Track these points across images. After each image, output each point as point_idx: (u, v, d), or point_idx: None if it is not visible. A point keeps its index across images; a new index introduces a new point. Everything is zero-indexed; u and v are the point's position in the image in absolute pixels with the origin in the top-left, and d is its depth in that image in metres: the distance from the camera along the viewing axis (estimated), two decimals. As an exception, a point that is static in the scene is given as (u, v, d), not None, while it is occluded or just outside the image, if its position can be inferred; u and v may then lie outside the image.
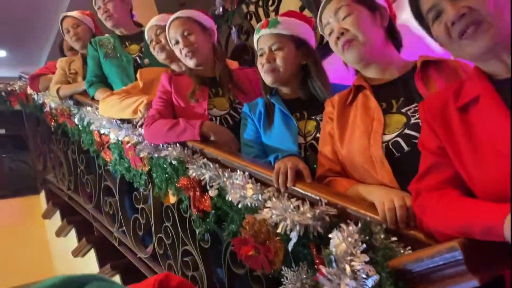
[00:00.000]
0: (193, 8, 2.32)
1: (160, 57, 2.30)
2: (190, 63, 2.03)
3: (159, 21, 2.28)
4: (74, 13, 3.08)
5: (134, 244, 2.38)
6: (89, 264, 3.03)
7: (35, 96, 3.48)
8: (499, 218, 0.78)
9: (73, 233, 3.29)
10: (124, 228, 2.47)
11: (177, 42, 2.04)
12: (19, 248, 3.74)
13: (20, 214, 3.94)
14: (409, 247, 0.99)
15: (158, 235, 2.10)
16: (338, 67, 1.86)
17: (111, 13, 2.71)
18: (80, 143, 2.98)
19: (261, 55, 1.75)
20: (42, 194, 4.00)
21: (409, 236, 1.02)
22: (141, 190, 2.28)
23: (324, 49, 3.23)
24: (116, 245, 2.61)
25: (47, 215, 3.79)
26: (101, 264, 2.86)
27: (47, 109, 3.25)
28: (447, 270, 0.84)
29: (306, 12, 3.55)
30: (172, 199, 2.06)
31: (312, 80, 1.74)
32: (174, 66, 2.34)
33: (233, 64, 2.28)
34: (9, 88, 4.15)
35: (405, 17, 1.52)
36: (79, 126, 2.74)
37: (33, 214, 3.96)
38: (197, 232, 1.79)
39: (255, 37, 1.80)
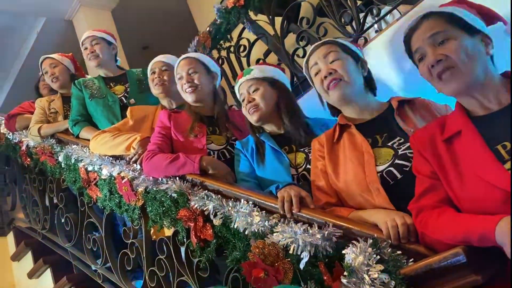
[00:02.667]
0: (156, 51, 2.52)
1: (156, 91, 2.46)
2: (189, 98, 2.20)
3: (166, 59, 2.49)
4: (54, 55, 3.19)
5: (121, 279, 2.40)
6: (66, 304, 2.98)
7: (10, 136, 3.46)
8: (491, 226, 0.97)
9: (48, 274, 3.23)
10: (109, 263, 2.50)
11: (181, 78, 2.21)
12: (-17, 292, 3.59)
13: (-16, 257, 3.80)
14: (412, 260, 1.15)
15: (150, 268, 2.16)
16: (309, 107, 2.08)
17: (97, 54, 2.85)
18: (59, 182, 3.00)
19: (243, 100, 1.99)
20: (10, 236, 3.89)
21: (411, 249, 1.18)
22: (129, 224, 2.34)
23: (294, 92, 3.48)
24: (100, 282, 2.62)
25: (16, 257, 3.68)
26: (81, 302, 2.83)
27: (23, 148, 3.25)
28: (453, 273, 1.00)
29: (272, 57, 3.82)
30: (168, 232, 2.14)
31: (283, 115, 1.94)
32: (165, 102, 2.49)
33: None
34: (-24, 128, 4.07)
35: (370, 65, 1.77)
36: (62, 164, 2.77)
37: (-1, 256, 3.84)
38: (194, 262, 1.88)
39: (236, 87, 2.06)
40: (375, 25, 3.41)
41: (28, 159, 3.24)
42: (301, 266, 1.34)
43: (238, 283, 1.70)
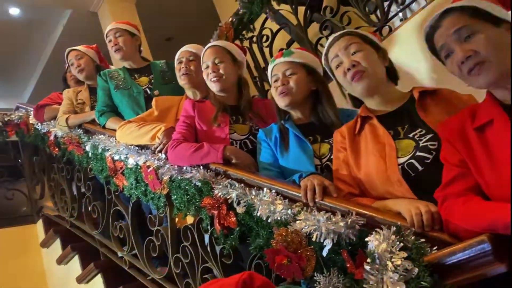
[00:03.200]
0: (179, 43, 2.53)
1: (182, 81, 2.47)
2: (214, 87, 2.20)
3: (193, 48, 2.49)
4: (79, 47, 3.25)
5: (147, 266, 2.46)
6: (93, 290, 3.07)
7: (38, 126, 3.56)
8: None
9: (75, 260, 3.33)
10: (135, 251, 2.56)
11: (207, 67, 2.21)
12: (15, 278, 3.72)
13: (16, 243, 3.93)
14: (436, 247, 1.15)
15: (175, 255, 2.21)
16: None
17: (121, 46, 2.88)
18: (86, 171, 3.08)
19: (275, 80, 1.95)
20: (39, 223, 4.02)
21: (435, 237, 1.18)
22: (155, 212, 2.39)
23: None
24: (126, 268, 2.69)
25: (45, 244, 3.80)
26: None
27: (51, 138, 3.34)
28: (477, 260, 1.00)
29: (295, 46, 3.80)
30: (189, 220, 2.18)
31: (322, 105, 1.93)
32: (189, 93, 2.51)
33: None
34: (6, 119, 4.20)
35: (395, 54, 1.75)
36: (89, 154, 2.84)
37: (29, 243, 3.96)
38: (218, 249, 1.92)
39: (270, 66, 2.01)
40: (400, 14, 3.37)
41: (56, 149, 3.33)
42: (324, 253, 1.36)
43: (261, 269, 1.73)
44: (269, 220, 1.59)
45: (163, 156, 2.20)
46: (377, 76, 1.59)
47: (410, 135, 1.51)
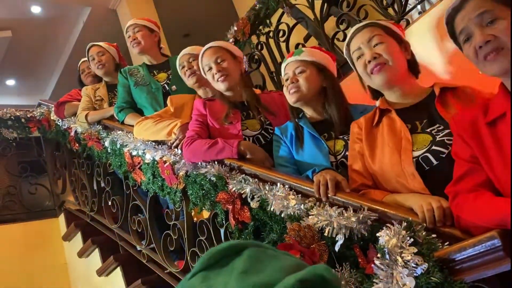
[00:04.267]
0: (197, 39, 2.55)
1: (190, 81, 2.49)
2: (222, 86, 2.21)
3: (191, 50, 2.50)
4: (101, 43, 3.31)
5: (164, 259, 2.50)
6: (113, 282, 3.13)
7: (59, 122, 3.64)
8: None
9: (96, 253, 3.40)
10: (153, 244, 2.60)
11: (210, 69, 2.23)
12: (38, 271, 3.82)
13: (38, 236, 4.03)
14: (447, 243, 1.15)
15: (192, 249, 2.24)
16: (350, 91, 2.06)
17: (139, 41, 2.93)
18: (105, 166, 3.14)
19: (287, 79, 1.96)
20: (61, 217, 4.11)
21: (446, 233, 1.18)
22: (172, 207, 2.43)
23: (337, 73, 3.46)
24: (145, 261, 2.73)
25: (67, 237, 3.89)
26: (128, 281, 2.97)
27: (72, 134, 3.41)
28: (487, 256, 0.99)
29: (312, 41, 3.80)
30: (205, 215, 2.21)
31: (328, 103, 1.93)
32: (200, 92, 2.53)
33: (256, 91, 2.47)
34: (28, 115, 4.30)
35: (413, 47, 1.73)
36: (108, 149, 2.89)
37: (51, 236, 4.06)
38: (234, 243, 1.94)
39: (282, 65, 2.03)
40: (418, 6, 3.33)
41: (77, 145, 3.40)
42: (336, 248, 1.37)
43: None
44: (282, 215, 1.60)
45: (179, 151, 2.23)
46: (398, 69, 1.58)
47: (428, 130, 1.50)
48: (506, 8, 1.19)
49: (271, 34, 3.89)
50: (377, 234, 1.21)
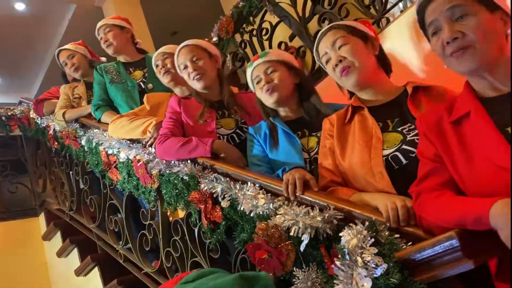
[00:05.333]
0: (185, 37, 2.52)
1: (165, 80, 2.46)
2: (198, 85, 2.18)
3: (166, 49, 2.47)
4: (67, 46, 3.24)
5: (140, 259, 2.47)
6: (91, 282, 3.09)
7: (38, 120, 3.58)
8: (486, 209, 0.94)
9: (75, 253, 3.36)
10: (130, 244, 2.57)
11: (185, 67, 2.19)
12: (18, 271, 3.77)
13: (19, 236, 3.98)
14: (410, 243, 1.13)
15: (166, 249, 2.21)
16: (330, 90, 2.04)
17: (111, 42, 2.88)
18: (84, 165, 3.10)
19: (258, 82, 1.93)
20: (41, 216, 4.06)
21: (410, 233, 1.16)
22: (148, 207, 2.40)
23: (316, 74, 3.45)
24: (121, 261, 2.70)
25: (47, 236, 3.85)
26: (105, 281, 2.93)
27: (51, 132, 3.36)
28: (446, 256, 0.98)
29: (297, 40, 3.78)
30: (180, 214, 2.18)
31: (304, 98, 1.92)
32: (177, 90, 2.50)
33: (234, 89, 2.45)
34: (9, 113, 4.24)
35: (389, 46, 1.72)
36: (85, 148, 2.85)
37: (32, 235, 4.01)
38: (206, 243, 1.91)
39: (249, 70, 1.99)
40: (401, 5, 3.33)
41: (56, 143, 3.35)
42: (301, 248, 1.34)
43: (246, 264, 1.72)
44: (251, 214, 1.58)
45: (153, 150, 2.20)
46: (366, 69, 1.56)
47: (399, 129, 1.48)
48: (479, 4, 1.16)
49: (254, 32, 3.86)
50: (340, 234, 1.18)
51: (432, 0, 1.20)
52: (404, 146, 1.43)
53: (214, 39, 3.94)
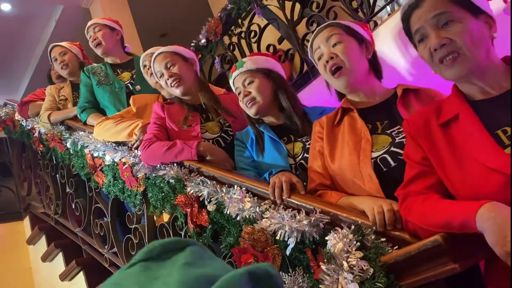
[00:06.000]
0: (174, 39, 2.51)
1: (152, 81, 2.44)
2: (177, 91, 2.17)
3: (154, 50, 2.43)
4: (63, 43, 3.22)
5: (126, 263, 2.43)
6: (76, 287, 3.05)
7: (23, 122, 3.53)
8: (472, 212, 0.93)
9: (59, 257, 3.31)
10: (115, 248, 2.54)
11: (162, 75, 2.19)
12: (2, 275, 3.70)
13: (3, 240, 3.91)
14: (396, 247, 1.12)
15: (152, 253, 2.18)
16: (318, 93, 2.04)
17: (100, 41, 2.86)
18: (69, 168, 3.05)
19: (239, 93, 1.94)
20: (26, 220, 4.00)
21: (396, 236, 1.15)
22: (134, 210, 2.37)
23: (304, 78, 3.45)
24: (107, 266, 2.66)
25: (31, 241, 3.78)
26: (90, 286, 2.89)
27: (36, 134, 3.31)
28: (431, 261, 0.97)
29: (285, 43, 3.78)
30: (166, 218, 2.16)
31: (283, 105, 1.90)
32: (164, 92, 2.48)
33: (219, 90, 2.43)
34: (-7, 115, 4.17)
35: (376, 49, 1.71)
36: (70, 150, 2.81)
37: (16, 240, 3.94)
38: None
39: (230, 82, 2.00)
40: (389, 8, 3.34)
41: (41, 146, 3.30)
42: (288, 252, 1.33)
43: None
44: (238, 218, 1.57)
45: (139, 153, 2.17)
46: (357, 71, 1.56)
47: (388, 131, 1.48)
48: (463, 9, 1.16)
49: (243, 34, 3.85)
50: (326, 238, 1.17)
51: (416, 7, 1.20)
52: (393, 148, 1.42)
53: (203, 41, 3.92)
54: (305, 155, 1.78)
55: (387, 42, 2.54)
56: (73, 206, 3.00)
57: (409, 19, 1.23)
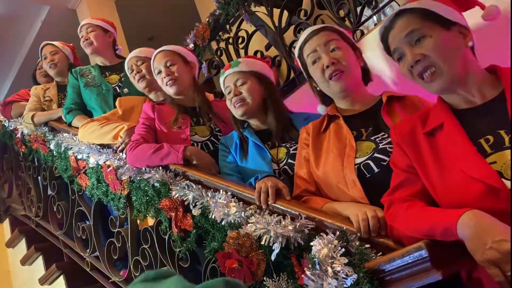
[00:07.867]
0: (161, 42, 2.51)
1: (140, 85, 2.42)
2: (170, 91, 2.16)
3: (139, 53, 2.43)
4: (55, 42, 3.20)
5: (108, 268, 2.41)
6: (57, 291, 3.00)
7: (6, 123, 3.48)
8: (454, 220, 0.95)
9: (39, 261, 3.25)
10: (97, 252, 2.50)
11: (159, 72, 2.18)
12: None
13: (-19, 243, 3.84)
14: (380, 253, 1.13)
15: (135, 257, 2.16)
16: (304, 100, 2.05)
17: (91, 41, 2.84)
18: (52, 170, 3.01)
19: (229, 92, 1.93)
20: (6, 223, 3.92)
21: (380, 243, 1.17)
22: (117, 214, 2.34)
23: (290, 84, 3.47)
24: (88, 270, 2.62)
25: (11, 244, 3.71)
26: (71, 290, 2.85)
27: (19, 135, 3.27)
28: (415, 267, 0.98)
29: (272, 50, 3.80)
30: (150, 222, 2.14)
31: (267, 112, 1.91)
32: (152, 96, 2.47)
33: (210, 96, 2.43)
34: (-25, 116, 4.09)
35: (366, 57, 1.74)
36: (54, 152, 2.78)
37: (-5, 242, 3.87)
38: (176, 252, 1.88)
39: (221, 79, 1.99)
40: (375, 18, 3.38)
41: (23, 147, 3.26)
42: (272, 257, 1.33)
43: (216, 273, 1.69)
44: (223, 223, 1.56)
45: (124, 155, 2.15)
46: (355, 77, 1.58)
47: (372, 138, 1.50)
48: (434, 24, 1.20)
49: (230, 40, 3.86)
50: (311, 244, 1.18)
51: (390, 29, 1.25)
52: (376, 155, 1.44)
53: (190, 45, 3.92)
54: (289, 160, 1.79)
55: (373, 51, 2.57)
56: (55, 209, 2.95)
57: (387, 40, 1.27)
